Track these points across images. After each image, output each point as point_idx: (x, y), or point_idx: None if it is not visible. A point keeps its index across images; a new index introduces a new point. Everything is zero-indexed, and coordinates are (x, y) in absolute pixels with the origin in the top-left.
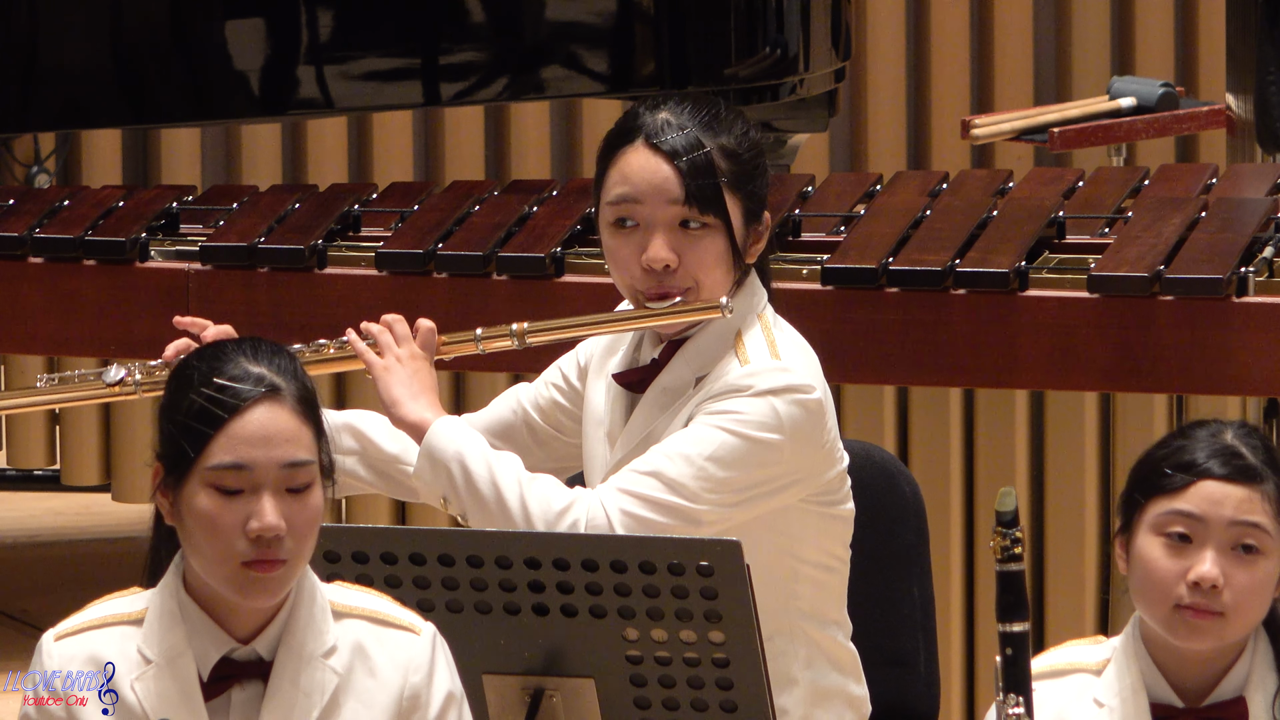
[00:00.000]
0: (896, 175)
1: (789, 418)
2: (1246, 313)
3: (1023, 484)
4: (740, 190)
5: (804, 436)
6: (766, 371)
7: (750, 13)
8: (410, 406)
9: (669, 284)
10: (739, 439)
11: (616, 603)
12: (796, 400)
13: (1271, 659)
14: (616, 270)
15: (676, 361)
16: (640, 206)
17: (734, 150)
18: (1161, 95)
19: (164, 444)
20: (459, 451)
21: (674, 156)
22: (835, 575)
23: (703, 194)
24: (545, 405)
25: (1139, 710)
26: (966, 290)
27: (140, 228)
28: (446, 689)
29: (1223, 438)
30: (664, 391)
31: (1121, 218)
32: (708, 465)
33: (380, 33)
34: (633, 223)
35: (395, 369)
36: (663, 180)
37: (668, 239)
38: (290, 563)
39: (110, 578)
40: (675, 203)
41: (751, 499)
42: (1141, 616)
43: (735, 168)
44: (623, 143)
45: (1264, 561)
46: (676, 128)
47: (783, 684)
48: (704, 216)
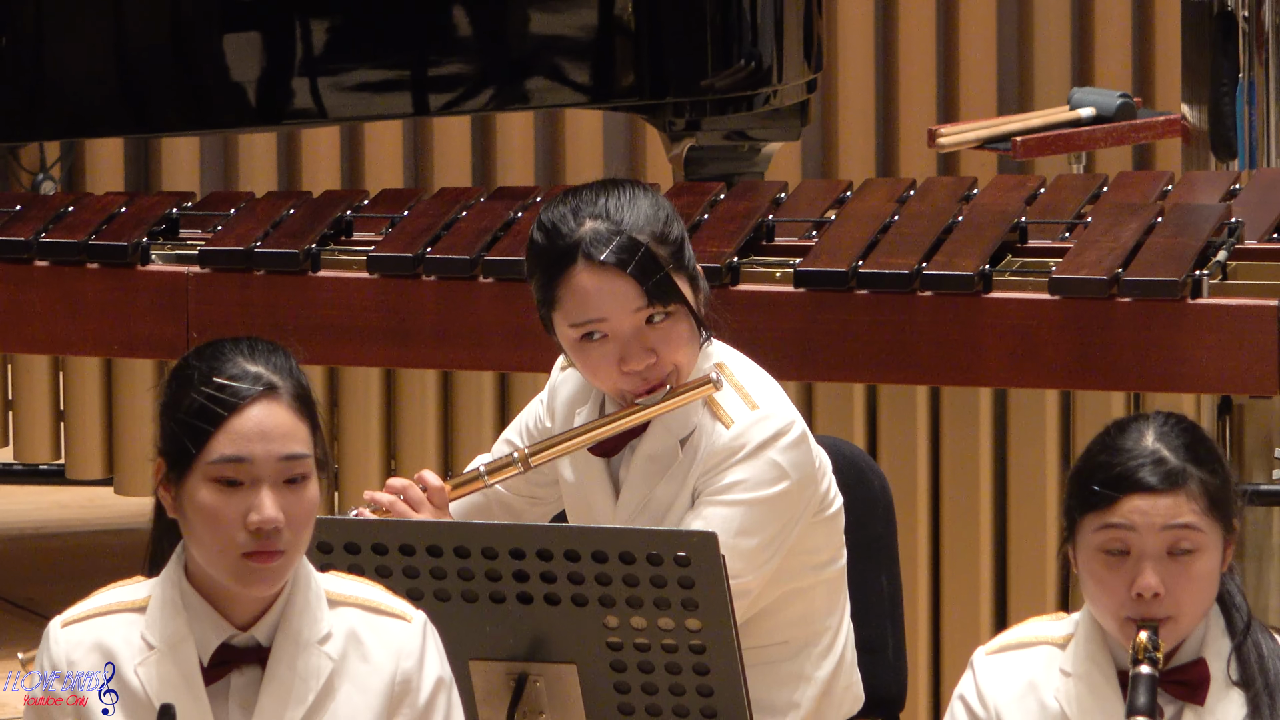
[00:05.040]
0: (866, 182)
1: (789, 462)
2: (1201, 314)
3: (986, 477)
4: (681, 268)
5: (803, 471)
6: (751, 427)
7: (726, 27)
8: None
9: (653, 378)
10: (755, 505)
11: (597, 591)
12: (787, 444)
13: (1224, 623)
14: (595, 378)
15: (656, 430)
16: (606, 322)
17: (663, 234)
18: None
19: (165, 440)
20: None
21: (622, 266)
22: (839, 567)
23: (659, 289)
24: (513, 483)
25: (1106, 677)
26: (933, 292)
27: (141, 232)
28: (436, 674)
29: (1145, 442)
30: (651, 460)
31: (1081, 223)
32: (739, 542)
33: (371, 46)
34: (601, 335)
35: None
36: (622, 293)
37: (641, 340)
38: (288, 553)
39: (113, 568)
40: (639, 309)
41: (780, 549)
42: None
43: (670, 249)
44: (560, 266)
45: (1201, 557)
46: (607, 235)
47: (796, 681)
48: (666, 308)
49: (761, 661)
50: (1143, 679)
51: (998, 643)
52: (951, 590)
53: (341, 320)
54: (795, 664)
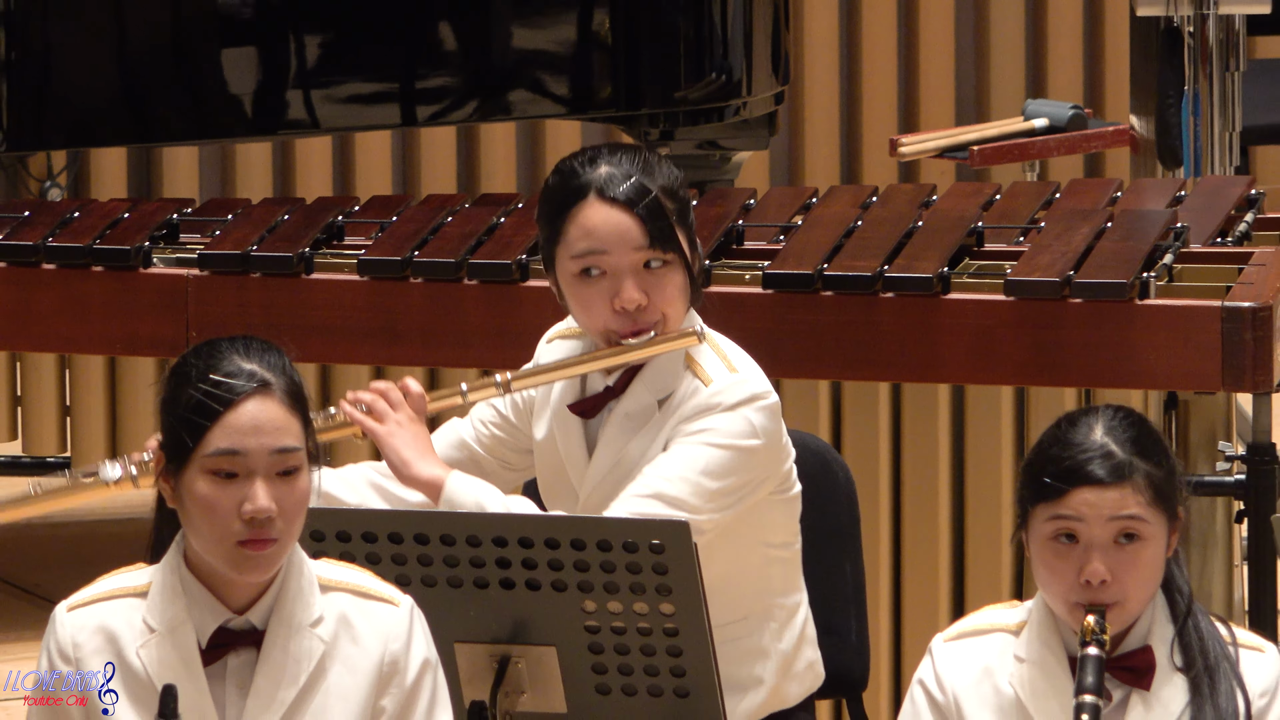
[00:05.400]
0: (831, 189)
1: (760, 424)
2: (1148, 314)
3: (945, 469)
4: (684, 224)
5: (772, 437)
6: (731, 386)
7: (698, 41)
8: (421, 466)
9: (642, 321)
10: (724, 450)
11: (576, 578)
12: (762, 406)
13: (1168, 611)
14: (587, 316)
15: (636, 387)
16: (607, 256)
17: (673, 190)
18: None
19: (165, 434)
20: (478, 500)
21: (631, 205)
22: (795, 550)
23: (661, 235)
24: (488, 442)
25: (1058, 661)
26: (894, 294)
27: (144, 237)
28: (423, 656)
29: (1094, 436)
30: (627, 417)
31: (1035, 228)
32: (702, 479)
33: (362, 61)
34: (599, 271)
35: (398, 433)
36: (626, 229)
37: (636, 282)
38: (280, 541)
39: (117, 555)
40: (640, 248)
41: (739, 501)
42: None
43: (677, 205)
44: (573, 200)
45: (1147, 545)
46: (622, 178)
47: (757, 655)
48: (665, 255)
49: (723, 639)
50: (1090, 660)
51: (955, 630)
52: (912, 577)
53: (333, 320)
54: (754, 639)
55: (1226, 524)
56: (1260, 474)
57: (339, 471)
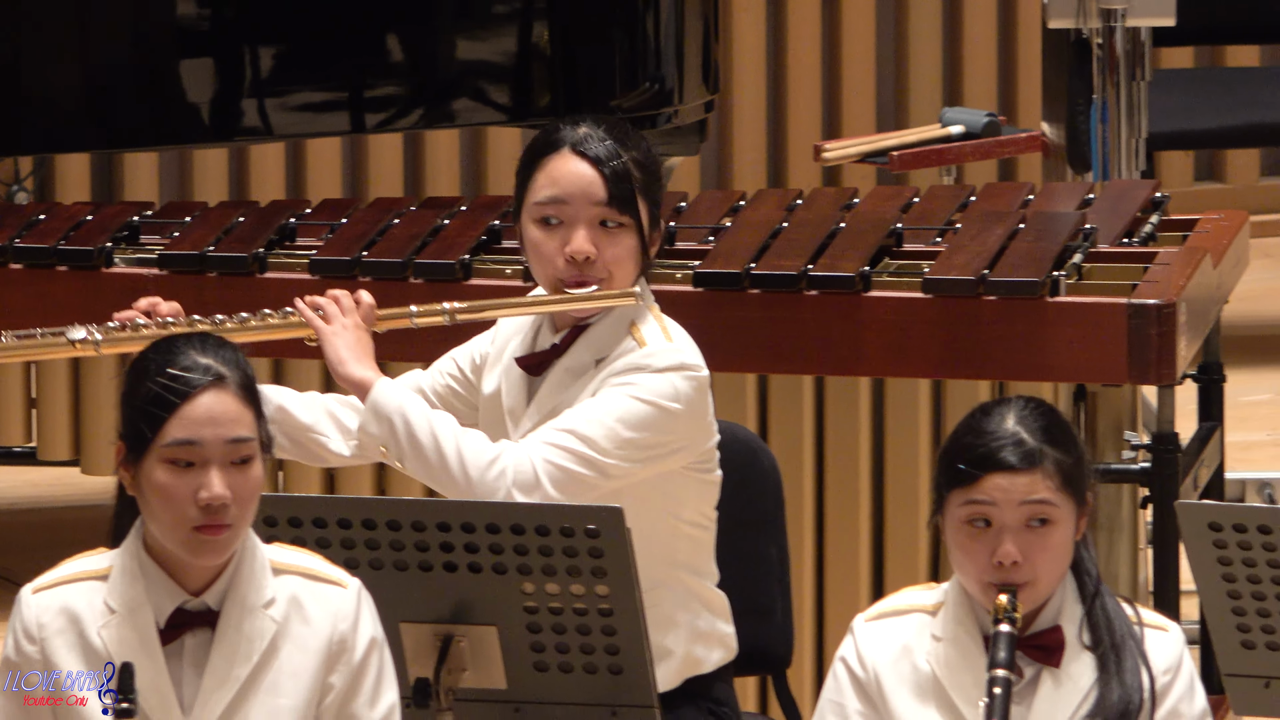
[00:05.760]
0: (758, 193)
1: (684, 391)
2: (1059, 311)
3: (865, 458)
4: (648, 197)
5: (695, 408)
6: (664, 351)
7: (633, 53)
8: (354, 367)
9: (588, 273)
10: (644, 405)
11: (516, 561)
12: (690, 376)
13: (1076, 592)
14: (540, 263)
15: (578, 346)
16: (566, 206)
17: (644, 162)
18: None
19: (125, 425)
20: (401, 406)
21: (598, 163)
22: (707, 532)
23: (622, 196)
24: (443, 392)
25: (973, 639)
26: (818, 291)
27: (106, 238)
28: (370, 635)
29: (1006, 425)
30: (566, 372)
31: (951, 229)
32: (617, 426)
33: (313, 71)
34: (558, 220)
35: (341, 334)
36: (588, 183)
37: (590, 234)
38: (235, 527)
39: (80, 540)
40: (599, 203)
41: (650, 459)
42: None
43: (645, 177)
44: (549, 151)
45: (1056, 528)
46: (598, 139)
47: (665, 625)
48: (621, 216)
49: None
50: (1003, 636)
51: (875, 610)
52: (834, 560)
53: None
54: (662, 609)
55: (1132, 509)
56: (1164, 462)
57: (302, 395)
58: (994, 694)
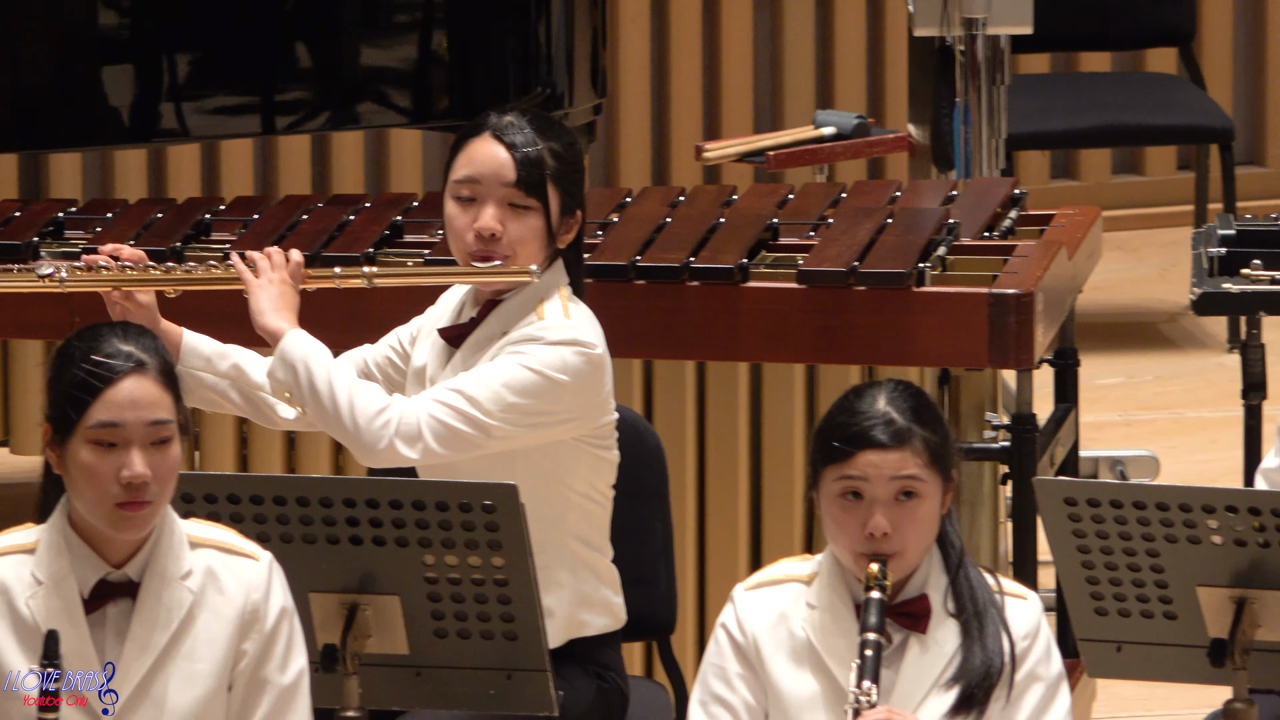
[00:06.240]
0: (643, 190)
1: (573, 365)
2: (924, 301)
3: (744, 438)
4: (560, 185)
5: (584, 382)
6: (559, 326)
7: (526, 59)
8: (271, 317)
9: (493, 249)
10: (531, 373)
11: (417, 534)
12: (580, 352)
13: (942, 563)
14: (453, 237)
15: (491, 319)
16: (479, 185)
17: (561, 153)
18: (856, 125)
19: (52, 408)
20: (305, 356)
21: (513, 148)
22: (600, 507)
23: (530, 180)
24: (383, 364)
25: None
26: (699, 282)
27: (32, 234)
28: (280, 604)
29: (877, 405)
30: (476, 343)
31: (824, 223)
32: (503, 390)
33: (226, 76)
34: (471, 198)
35: (266, 287)
36: (500, 165)
37: (498, 213)
38: (154, 503)
39: (8, 516)
40: (507, 185)
41: (535, 425)
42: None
43: (559, 166)
44: (472, 134)
45: (924, 502)
46: (518, 127)
47: (551, 587)
48: (528, 199)
49: None
50: (873, 603)
51: (754, 580)
52: (715, 533)
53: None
54: (547, 572)
55: (993, 486)
56: (1022, 441)
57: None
58: (865, 656)
